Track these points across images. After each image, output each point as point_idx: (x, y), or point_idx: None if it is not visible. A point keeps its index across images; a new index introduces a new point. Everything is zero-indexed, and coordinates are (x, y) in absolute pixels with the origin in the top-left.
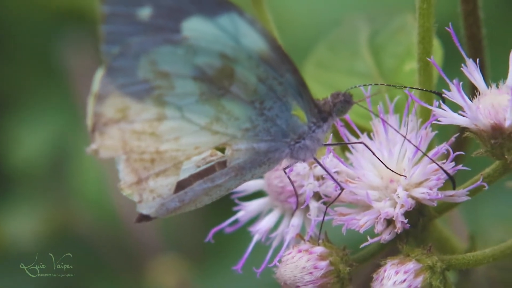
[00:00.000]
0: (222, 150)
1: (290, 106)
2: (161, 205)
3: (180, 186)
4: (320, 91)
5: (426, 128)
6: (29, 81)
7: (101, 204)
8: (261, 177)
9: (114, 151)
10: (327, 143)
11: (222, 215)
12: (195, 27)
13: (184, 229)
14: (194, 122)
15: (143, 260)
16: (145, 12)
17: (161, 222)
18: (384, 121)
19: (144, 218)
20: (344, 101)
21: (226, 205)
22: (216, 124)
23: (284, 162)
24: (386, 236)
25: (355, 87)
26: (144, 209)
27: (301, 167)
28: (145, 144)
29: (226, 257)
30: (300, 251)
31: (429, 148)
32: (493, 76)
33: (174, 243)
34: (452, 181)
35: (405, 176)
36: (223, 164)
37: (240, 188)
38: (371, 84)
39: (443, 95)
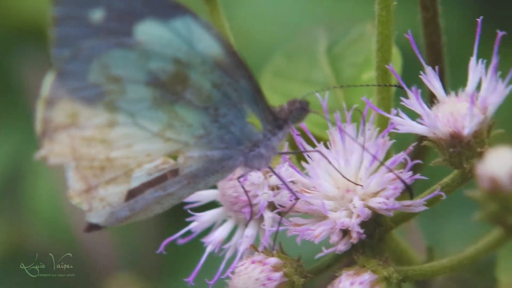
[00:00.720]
0: (174, 158)
1: (245, 113)
2: (111, 214)
3: (131, 194)
4: (277, 101)
5: (383, 137)
6: None
7: (56, 222)
8: (215, 187)
9: (63, 158)
10: (283, 151)
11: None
12: (148, 31)
13: (140, 247)
14: (146, 128)
15: (99, 279)
16: (97, 15)
17: (117, 240)
18: (341, 129)
19: (93, 227)
20: (300, 108)
21: (184, 222)
22: (168, 130)
23: (238, 171)
24: (341, 247)
25: (312, 93)
26: (94, 218)
27: (255, 176)
28: (95, 151)
29: (182, 275)
30: (253, 262)
31: (387, 157)
32: (453, 86)
33: (130, 262)
34: (409, 191)
35: (362, 186)
36: (175, 172)
37: (194, 198)
38: (330, 89)
39: (401, 103)
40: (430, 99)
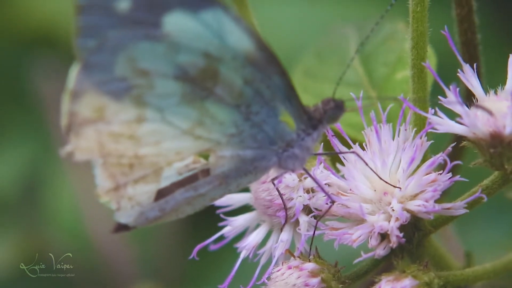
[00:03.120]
0: (206, 157)
1: (278, 112)
2: (140, 214)
3: (161, 194)
4: (309, 101)
5: (421, 137)
6: (2, 108)
7: (76, 232)
8: (247, 190)
9: (90, 154)
10: (318, 152)
11: (202, 239)
12: (177, 23)
13: (162, 255)
14: (175, 125)
15: None
16: (123, 4)
17: (138, 248)
18: (377, 130)
19: (122, 227)
20: (335, 108)
21: (205, 228)
22: (199, 128)
23: (272, 172)
24: (380, 251)
25: (348, 99)
26: (122, 218)
27: (290, 179)
28: (123, 147)
29: (207, 282)
30: (290, 268)
31: (423, 158)
32: (490, 85)
33: (151, 270)
34: None
35: (400, 188)
36: (206, 172)
37: (225, 202)
38: (369, 100)
39: (439, 102)
40: (467, 98)
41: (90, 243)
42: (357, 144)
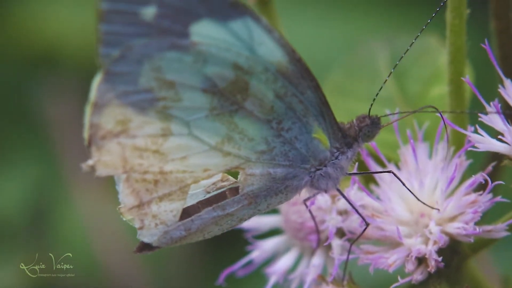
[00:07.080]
0: (235, 175)
1: (311, 128)
2: (165, 233)
3: (187, 212)
4: (338, 118)
5: (460, 156)
6: (6, 130)
7: (86, 256)
8: (277, 211)
9: (113, 169)
10: (352, 172)
11: (223, 261)
12: (205, 32)
13: (178, 280)
14: (203, 140)
15: None
16: (149, 12)
17: (152, 272)
18: (414, 148)
19: (145, 247)
20: (371, 125)
21: (227, 250)
22: (228, 144)
23: (303, 193)
24: (417, 276)
25: (385, 115)
26: (146, 237)
27: (322, 200)
28: (147, 162)
29: None
30: None
31: (462, 178)
32: None
33: None
34: None
35: (438, 210)
36: (235, 190)
37: (254, 225)
38: (399, 112)
39: (479, 119)
40: (509, 116)
41: (101, 267)
42: (392, 163)
